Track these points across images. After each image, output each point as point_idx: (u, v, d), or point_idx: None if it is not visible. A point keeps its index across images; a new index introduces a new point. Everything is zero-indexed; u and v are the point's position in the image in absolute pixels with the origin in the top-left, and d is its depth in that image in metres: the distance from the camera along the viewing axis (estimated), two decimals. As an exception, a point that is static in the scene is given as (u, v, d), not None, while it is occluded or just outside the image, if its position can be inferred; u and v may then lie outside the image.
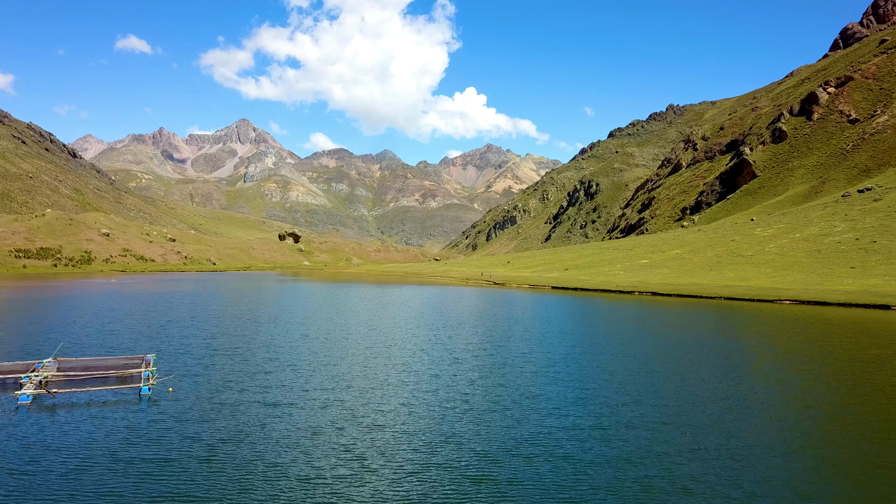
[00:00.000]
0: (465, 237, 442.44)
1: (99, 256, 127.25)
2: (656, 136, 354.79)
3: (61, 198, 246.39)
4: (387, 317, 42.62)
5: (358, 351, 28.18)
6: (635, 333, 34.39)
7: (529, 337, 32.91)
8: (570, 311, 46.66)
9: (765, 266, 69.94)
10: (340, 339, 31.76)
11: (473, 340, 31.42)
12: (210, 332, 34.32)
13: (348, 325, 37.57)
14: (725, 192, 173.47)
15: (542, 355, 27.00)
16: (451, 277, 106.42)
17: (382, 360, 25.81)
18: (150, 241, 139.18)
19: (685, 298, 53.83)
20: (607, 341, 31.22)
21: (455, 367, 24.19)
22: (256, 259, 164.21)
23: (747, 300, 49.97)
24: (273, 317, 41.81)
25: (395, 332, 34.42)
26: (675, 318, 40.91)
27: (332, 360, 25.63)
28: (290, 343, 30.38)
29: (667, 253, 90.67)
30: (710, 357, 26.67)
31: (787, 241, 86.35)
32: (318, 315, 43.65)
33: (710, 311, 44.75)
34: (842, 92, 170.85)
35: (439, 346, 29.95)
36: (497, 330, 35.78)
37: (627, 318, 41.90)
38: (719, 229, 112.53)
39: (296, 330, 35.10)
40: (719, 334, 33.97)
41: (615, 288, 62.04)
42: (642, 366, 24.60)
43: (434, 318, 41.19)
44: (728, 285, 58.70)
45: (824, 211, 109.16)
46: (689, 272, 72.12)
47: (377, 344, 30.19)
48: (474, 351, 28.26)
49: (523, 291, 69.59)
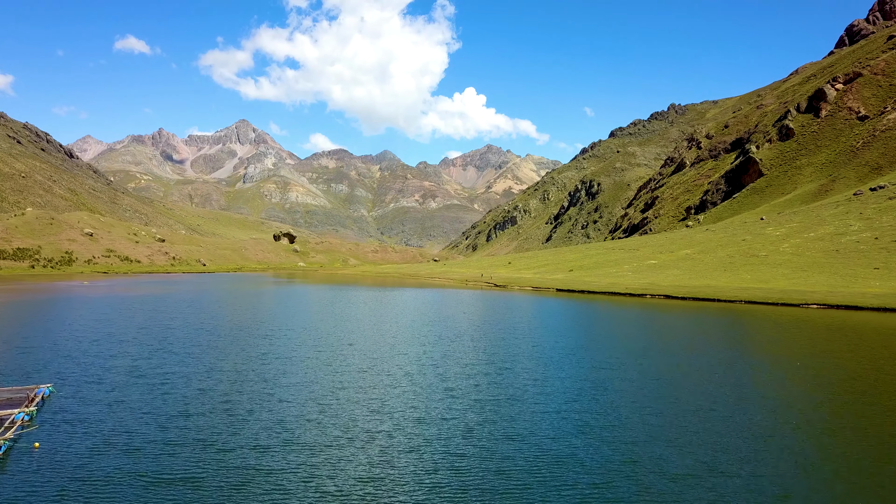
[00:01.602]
0: (465, 238, 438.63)
1: (80, 257, 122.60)
2: (658, 135, 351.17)
3: (54, 198, 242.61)
4: (371, 327, 37.52)
5: (322, 377, 22.42)
6: (663, 350, 29.09)
7: (539, 356, 27.36)
8: (580, 319, 42.31)
9: (782, 267, 65.98)
10: (301, 361, 25.56)
11: (472, 361, 25.86)
12: (149, 349, 27.60)
13: (321, 339, 32.11)
14: (731, 190, 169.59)
15: (559, 386, 20.83)
16: (450, 279, 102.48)
17: (352, 393, 19.93)
18: (136, 242, 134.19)
19: (701, 302, 49.87)
20: (634, 362, 25.33)
21: (448, 406, 18.17)
22: (250, 260, 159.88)
23: (770, 304, 46.01)
24: (234, 329, 35.20)
25: (377, 350, 28.80)
26: (701, 328, 36.37)
27: (281, 395, 19.21)
28: (236, 365, 23.94)
29: (676, 253, 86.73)
30: (767, 385, 21.37)
31: (802, 240, 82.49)
32: (288, 326, 37.79)
33: (733, 317, 40.75)
34: (850, 88, 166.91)
35: (429, 369, 24.33)
36: (500, 346, 29.92)
37: (648, 329, 36.87)
38: (728, 228, 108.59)
39: (254, 348, 28.69)
40: (758, 349, 29.00)
41: (624, 290, 58.04)
42: (696, 403, 18.50)
43: (427, 330, 36.13)
44: (746, 287, 54.73)
45: (837, 209, 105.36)
46: (701, 273, 68.17)
47: (349, 368, 23.92)
48: (473, 377, 22.54)
49: (526, 294, 65.62)
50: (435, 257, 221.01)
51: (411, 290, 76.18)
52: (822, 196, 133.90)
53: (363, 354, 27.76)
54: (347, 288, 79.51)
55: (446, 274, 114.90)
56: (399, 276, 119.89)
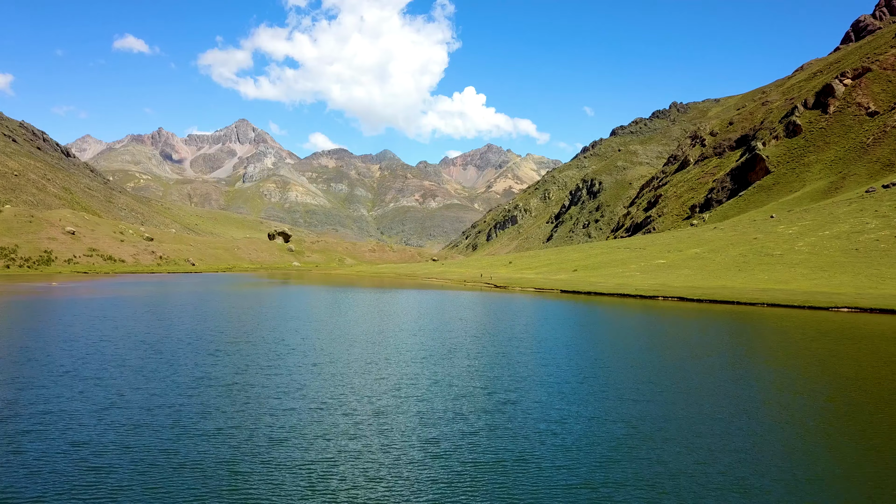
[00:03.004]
0: (465, 237, 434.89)
1: (60, 256, 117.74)
2: (660, 133, 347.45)
3: (48, 196, 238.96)
4: (346, 338, 30.51)
5: (260, 413, 16.17)
6: (706, 372, 22.57)
7: (552, 383, 20.34)
8: (593, 327, 37.81)
9: (799, 266, 62.03)
10: (242, 388, 19.03)
11: (465, 392, 18.99)
12: (54, 370, 20.71)
13: (275, 356, 25.15)
14: (737, 188, 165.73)
15: (584, 436, 14.32)
16: (448, 279, 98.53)
17: (311, 430, 14.57)
18: (121, 241, 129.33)
19: (719, 305, 45.86)
20: (677, 393, 18.81)
21: (427, 478, 11.84)
22: (242, 259, 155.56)
23: (795, 307, 42.03)
24: (181, 341, 28.16)
25: (349, 370, 22.32)
26: (733, 338, 31.73)
27: (197, 444, 13.48)
28: (152, 396, 17.68)
29: (684, 252, 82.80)
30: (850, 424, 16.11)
31: (817, 238, 78.61)
32: (245, 337, 30.32)
33: (759, 322, 36.76)
34: (859, 84, 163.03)
35: (410, 406, 17.36)
36: (502, 367, 23.16)
37: (674, 340, 31.07)
38: (737, 227, 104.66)
39: (193, 370, 21.73)
40: (816, 371, 23.60)
41: (634, 292, 54.04)
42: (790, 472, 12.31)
43: (414, 344, 29.12)
44: (765, 289, 50.77)
45: (850, 207, 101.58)
46: (714, 273, 64.25)
47: (310, 398, 17.76)
48: (467, 420, 15.77)
49: (529, 296, 61.59)
50: (434, 257, 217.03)
51: (405, 291, 72.08)
52: (832, 193, 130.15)
53: (323, 380, 20.47)
54: (334, 289, 75.13)
55: (444, 274, 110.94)
56: (395, 276, 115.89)
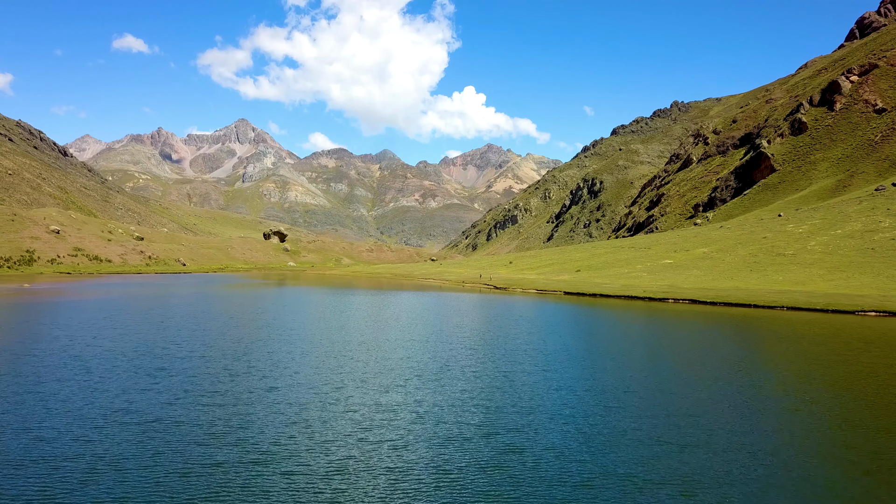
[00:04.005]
0: (464, 237, 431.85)
1: (43, 256, 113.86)
2: (661, 132, 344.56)
3: (42, 195, 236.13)
4: (321, 355, 24.70)
5: (192, 463, 12.75)
6: (742, 391, 19.03)
7: (567, 413, 16.36)
8: (603, 334, 34.25)
9: (815, 267, 59.01)
10: (178, 427, 15.10)
11: (456, 433, 14.65)
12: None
13: (240, 377, 20.67)
14: (741, 187, 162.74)
15: (617, 498, 11.03)
16: (446, 280, 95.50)
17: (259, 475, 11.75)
18: (108, 240, 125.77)
19: (734, 308, 42.79)
20: (727, 427, 15.22)
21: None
22: (236, 259, 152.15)
23: (818, 311, 39.02)
24: (124, 358, 24.17)
25: (312, 399, 17.92)
26: (766, 348, 27.92)
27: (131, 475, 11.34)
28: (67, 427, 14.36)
29: (692, 252, 79.78)
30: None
31: (830, 237, 75.63)
32: (198, 354, 25.45)
33: (787, 328, 33.66)
34: (866, 80, 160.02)
35: (380, 459, 13.23)
36: (504, 392, 18.88)
37: (700, 351, 26.39)
38: (744, 226, 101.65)
39: (111, 402, 17.28)
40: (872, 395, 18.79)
41: (642, 294, 50.96)
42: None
43: (400, 360, 24.46)
44: (782, 290, 47.75)
45: (861, 205, 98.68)
46: (725, 274, 61.24)
47: (247, 447, 13.74)
48: (461, 477, 12.08)
49: (530, 298, 58.48)
50: (433, 257, 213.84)
51: (399, 293, 68.90)
52: (840, 192, 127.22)
53: (273, 417, 16.03)
54: (324, 291, 71.73)
55: (442, 275, 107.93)
56: (391, 276, 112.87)
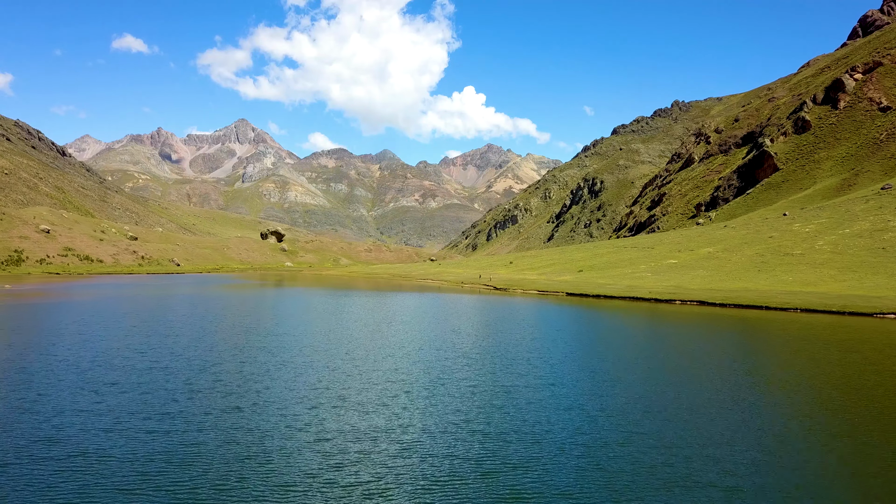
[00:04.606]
0: (464, 237, 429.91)
1: (32, 256, 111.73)
2: (662, 132, 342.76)
3: (39, 195, 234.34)
4: (298, 366, 23.08)
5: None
6: (802, 422, 15.88)
7: (582, 443, 13.99)
8: (612, 339, 31.47)
9: (825, 267, 57.07)
10: (109, 461, 12.89)
11: (449, 472, 12.36)
12: None
13: (198, 395, 18.35)
14: (744, 186, 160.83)
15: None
16: (444, 281, 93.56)
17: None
18: (100, 240, 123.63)
19: (745, 310, 40.83)
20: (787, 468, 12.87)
21: None
22: (232, 260, 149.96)
23: (834, 313, 37.08)
24: (55, 372, 21.35)
25: (278, 423, 15.61)
26: (796, 358, 24.86)
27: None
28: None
29: (696, 252, 77.84)
30: None
31: (838, 237, 73.70)
32: (155, 366, 22.70)
33: (809, 333, 31.65)
34: (870, 78, 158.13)
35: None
36: (507, 411, 16.39)
37: (723, 360, 23.72)
38: (749, 225, 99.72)
39: (35, 431, 14.93)
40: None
41: (648, 295, 48.98)
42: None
43: (387, 372, 21.68)
44: (794, 291, 45.82)
45: (868, 204, 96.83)
46: (732, 274, 59.32)
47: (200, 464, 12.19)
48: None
49: (531, 299, 56.44)
50: (432, 257, 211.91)
51: (395, 294, 66.86)
52: (845, 191, 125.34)
53: (226, 451, 13.56)
54: (317, 293, 69.43)
55: (441, 275, 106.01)
56: (389, 276, 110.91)
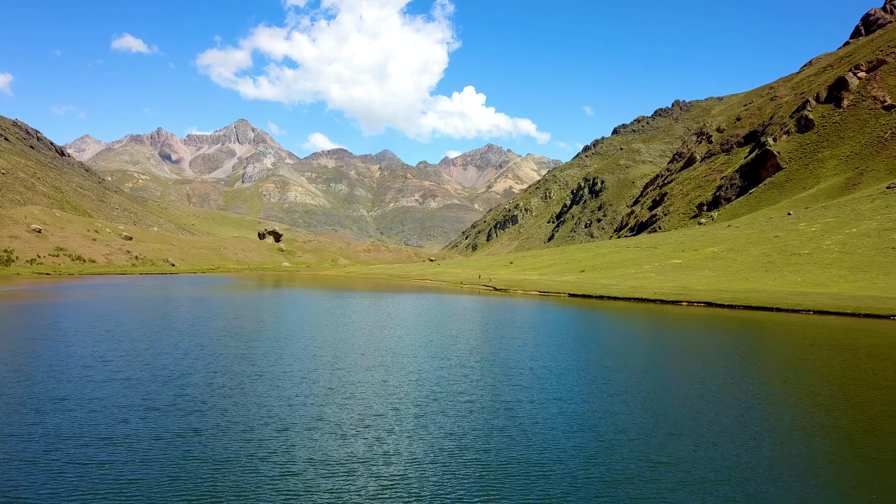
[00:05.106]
0: (464, 237, 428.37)
1: (22, 256, 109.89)
2: (663, 132, 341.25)
3: (35, 195, 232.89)
4: (275, 377, 20.92)
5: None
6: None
7: (602, 484, 11.75)
8: (624, 346, 28.71)
9: (834, 267, 55.44)
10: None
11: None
12: None
13: (159, 410, 16.76)
14: (747, 185, 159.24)
15: None
16: (442, 281, 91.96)
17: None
18: (93, 240, 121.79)
19: (755, 312, 39.20)
20: None
21: None
22: (228, 260, 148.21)
23: (848, 315, 35.47)
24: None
25: (244, 447, 13.87)
26: (822, 363, 22.79)
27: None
28: None
29: (700, 251, 76.24)
30: None
31: (845, 236, 72.05)
32: (117, 377, 20.86)
33: (825, 335, 30.06)
34: (874, 76, 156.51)
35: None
36: (509, 434, 14.38)
37: (749, 369, 21.76)
38: (753, 224, 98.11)
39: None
40: None
41: (653, 296, 47.34)
42: None
43: (375, 385, 19.75)
44: (804, 293, 44.20)
45: (874, 204, 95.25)
46: (738, 275, 57.71)
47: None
48: None
49: (533, 300, 54.77)
50: (431, 257, 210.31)
51: (392, 295, 65.15)
52: (849, 190, 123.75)
53: (194, 467, 12.43)
54: (311, 294, 67.64)
55: (439, 275, 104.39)
56: (387, 277, 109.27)
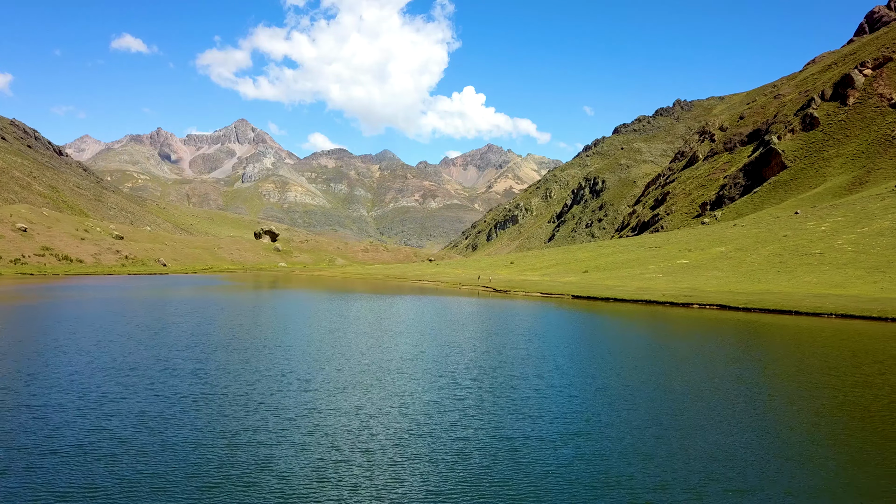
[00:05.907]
0: (464, 237, 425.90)
1: (6, 256, 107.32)
2: (664, 131, 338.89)
3: (31, 194, 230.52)
4: (241, 393, 18.83)
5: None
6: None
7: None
8: (636, 355, 25.64)
9: (849, 267, 53.00)
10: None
11: None
12: None
13: (111, 429, 15.01)
14: (751, 184, 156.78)
15: None
16: (441, 282, 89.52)
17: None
18: (81, 239, 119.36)
19: (773, 315, 36.75)
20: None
21: None
22: (223, 260, 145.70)
23: (875, 319, 33.03)
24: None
25: (198, 484, 11.92)
26: (873, 377, 20.74)
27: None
28: None
29: (707, 251, 73.80)
30: None
31: (858, 236, 69.61)
32: (55, 390, 18.92)
33: (862, 343, 27.63)
34: (880, 74, 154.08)
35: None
36: (517, 486, 11.79)
37: (795, 386, 19.29)
38: (760, 224, 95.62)
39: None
40: None
41: (662, 298, 44.89)
42: None
43: (352, 411, 17.21)
44: (821, 294, 41.79)
45: (884, 202, 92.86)
46: (749, 275, 55.27)
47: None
48: None
49: (534, 302, 52.28)
50: (430, 257, 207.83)
51: (388, 297, 62.69)
52: (856, 189, 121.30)
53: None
54: (303, 296, 65.23)
55: (438, 276, 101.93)
56: (384, 277, 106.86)
